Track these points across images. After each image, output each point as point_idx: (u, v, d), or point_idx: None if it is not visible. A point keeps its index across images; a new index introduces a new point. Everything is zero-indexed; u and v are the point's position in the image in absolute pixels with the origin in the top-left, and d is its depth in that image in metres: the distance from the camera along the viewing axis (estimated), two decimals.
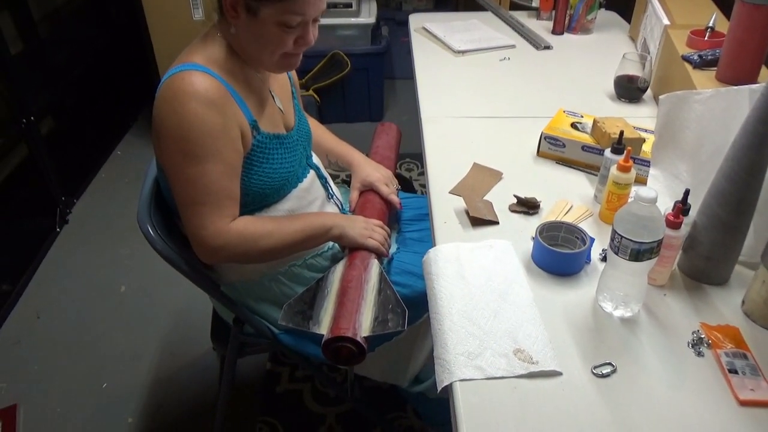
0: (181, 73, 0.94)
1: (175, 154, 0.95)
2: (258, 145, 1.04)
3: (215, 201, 0.98)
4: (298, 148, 1.14)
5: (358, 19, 2.73)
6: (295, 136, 1.14)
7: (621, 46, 1.76)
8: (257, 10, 0.93)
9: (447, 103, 1.48)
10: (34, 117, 2.13)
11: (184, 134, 0.93)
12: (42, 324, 1.86)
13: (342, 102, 2.89)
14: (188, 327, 1.84)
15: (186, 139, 0.94)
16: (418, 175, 2.54)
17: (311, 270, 1.16)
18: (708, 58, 1.24)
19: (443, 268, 0.94)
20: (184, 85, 0.93)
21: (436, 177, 1.19)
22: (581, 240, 0.95)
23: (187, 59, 0.97)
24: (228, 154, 0.97)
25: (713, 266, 0.90)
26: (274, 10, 0.93)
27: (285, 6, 0.92)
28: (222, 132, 0.96)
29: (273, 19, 0.94)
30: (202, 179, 0.96)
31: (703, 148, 1.01)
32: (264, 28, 0.95)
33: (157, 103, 0.96)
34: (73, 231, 2.28)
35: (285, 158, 1.08)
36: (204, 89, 0.93)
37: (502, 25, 1.97)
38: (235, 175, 1.00)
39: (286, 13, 0.93)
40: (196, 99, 0.93)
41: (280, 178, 1.08)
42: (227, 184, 0.99)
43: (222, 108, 0.95)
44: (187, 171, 0.96)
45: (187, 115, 0.93)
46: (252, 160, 1.03)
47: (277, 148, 1.07)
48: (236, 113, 0.99)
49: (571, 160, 1.21)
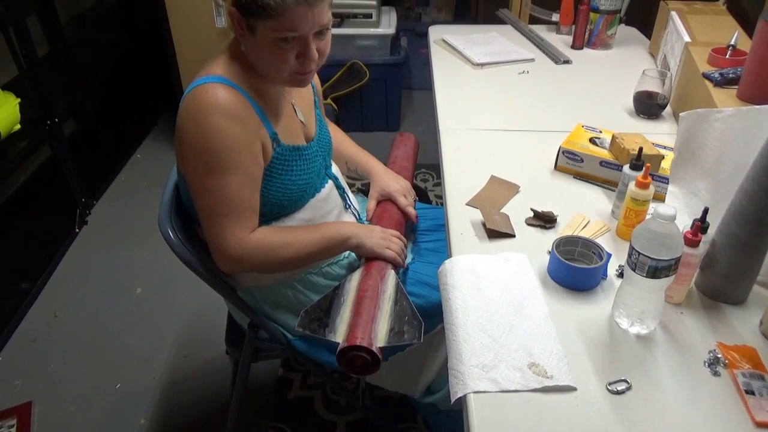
0: (205, 85, 0.96)
1: (198, 166, 0.97)
2: (278, 157, 1.05)
3: (236, 212, 1.00)
4: (318, 158, 1.15)
5: (378, 30, 2.75)
6: (315, 147, 1.15)
7: (641, 62, 1.76)
8: (255, 28, 0.94)
9: (465, 115, 1.49)
10: (58, 118, 2.17)
11: (208, 146, 0.95)
12: (59, 323, 1.89)
13: (359, 111, 2.91)
14: (202, 330, 1.86)
15: (209, 152, 0.95)
16: (434, 186, 2.55)
17: (327, 278, 1.17)
18: (729, 77, 1.23)
19: (459, 279, 0.94)
20: (207, 97, 0.95)
21: (454, 188, 1.19)
22: (598, 255, 0.95)
23: (210, 72, 0.99)
24: (249, 166, 0.99)
25: (731, 285, 0.89)
26: (267, 27, 0.93)
27: (276, 23, 0.91)
28: (244, 145, 0.97)
29: (269, 36, 0.93)
30: (223, 191, 0.97)
31: (722, 166, 1.01)
32: (264, 45, 0.95)
33: (180, 115, 0.98)
34: (92, 232, 2.31)
35: (304, 169, 1.10)
36: (227, 102, 0.95)
37: (521, 39, 1.97)
38: (255, 187, 1.02)
39: (279, 30, 0.92)
40: (219, 112, 0.94)
41: (298, 189, 1.09)
42: (248, 196, 1.00)
43: (244, 121, 0.97)
44: (209, 182, 0.97)
45: (211, 127, 0.94)
46: (272, 172, 1.05)
47: (296, 160, 1.08)
48: (257, 126, 1.00)
49: (589, 175, 1.21)
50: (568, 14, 1.95)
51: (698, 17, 1.60)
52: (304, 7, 0.91)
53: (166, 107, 3.14)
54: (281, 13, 0.90)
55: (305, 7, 0.91)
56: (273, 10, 0.90)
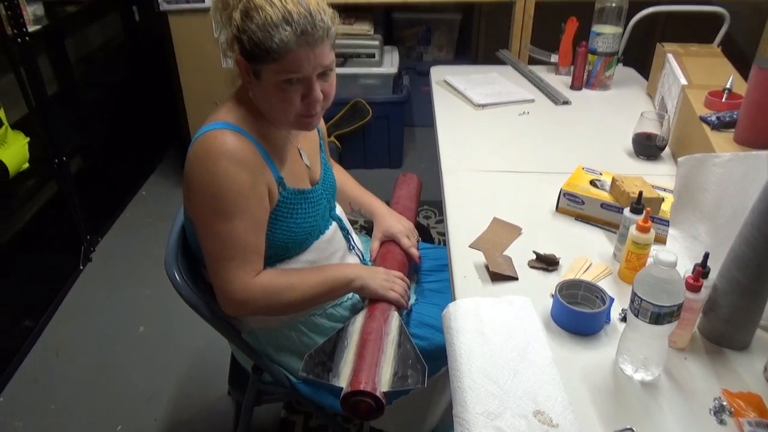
0: (214, 131, 0.98)
1: (206, 210, 0.99)
2: (283, 201, 1.07)
3: (242, 256, 1.01)
4: (322, 201, 1.17)
5: (381, 69, 2.81)
6: (320, 190, 1.17)
7: (639, 103, 1.79)
8: (260, 73, 0.97)
9: (467, 155, 1.51)
10: (66, 156, 2.20)
11: (215, 192, 0.97)
12: (60, 362, 1.89)
13: (362, 148, 2.94)
14: (205, 370, 1.85)
15: (217, 197, 0.97)
16: (436, 223, 2.56)
17: (331, 320, 1.17)
18: (726, 120, 1.26)
19: (463, 323, 0.95)
20: (215, 143, 0.97)
21: (456, 230, 1.20)
22: (601, 299, 0.95)
23: (218, 118, 1.01)
24: (255, 211, 1.01)
25: (734, 330, 0.89)
26: (271, 71, 0.95)
27: (279, 65, 0.94)
28: (251, 190, 0.99)
29: (273, 79, 0.96)
30: (230, 235, 0.99)
31: (721, 210, 1.02)
32: (270, 89, 0.98)
33: (189, 160, 1.00)
34: (96, 269, 2.32)
35: (309, 212, 1.11)
36: (235, 149, 0.97)
37: (521, 79, 2.01)
38: (261, 231, 1.04)
39: (282, 72, 0.95)
40: (228, 158, 0.96)
41: (303, 232, 1.10)
42: (254, 240, 1.02)
43: (251, 167, 0.99)
44: (216, 227, 0.99)
45: (219, 173, 0.96)
46: (277, 215, 1.07)
47: (301, 203, 1.10)
48: (264, 172, 1.02)
49: (590, 217, 1.22)
50: (566, 56, 1.99)
51: (694, 59, 1.64)
52: (305, 48, 0.93)
53: (172, 145, 3.18)
54: (284, 55, 0.93)
55: (306, 49, 0.93)
56: (276, 53, 0.93)
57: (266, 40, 0.92)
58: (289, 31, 0.91)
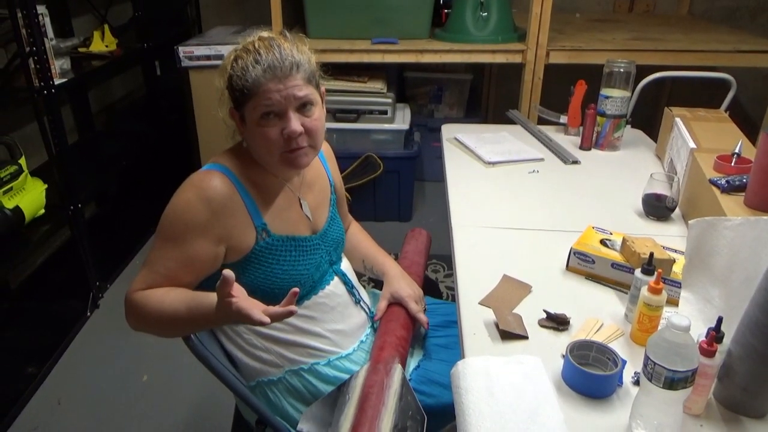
0: (204, 171, 1.06)
1: (157, 227, 1.05)
2: (266, 246, 1.09)
3: (150, 271, 1.04)
4: (319, 252, 1.18)
5: (393, 126, 2.87)
6: (317, 241, 1.18)
7: (648, 164, 1.81)
8: (244, 116, 1.05)
9: (477, 212, 1.52)
10: (81, 203, 2.24)
11: (166, 214, 1.04)
12: (62, 410, 1.86)
13: (372, 201, 2.98)
14: (209, 422, 1.81)
15: (166, 217, 1.04)
16: (444, 277, 2.55)
17: (336, 369, 1.16)
18: (736, 184, 1.27)
19: (472, 382, 0.93)
20: (195, 178, 1.04)
21: (466, 286, 1.20)
22: (612, 361, 0.94)
23: (216, 160, 1.09)
24: (190, 246, 1.03)
25: (750, 398, 0.87)
26: (250, 110, 1.03)
27: (254, 101, 1.02)
28: (199, 227, 1.02)
29: (253, 117, 1.03)
30: (156, 250, 1.04)
31: (734, 274, 1.02)
32: (253, 128, 1.05)
33: None
34: (103, 316, 2.32)
35: (298, 260, 1.12)
36: (208, 187, 1.03)
37: (530, 139, 2.05)
38: (189, 267, 1.04)
39: (258, 107, 1.02)
40: (196, 191, 1.02)
41: (291, 280, 1.11)
42: (172, 266, 1.04)
43: (217, 208, 1.03)
44: (154, 239, 1.05)
45: (178, 202, 1.03)
46: (259, 260, 1.09)
47: (290, 250, 1.12)
48: (234, 218, 1.06)
49: (601, 277, 1.22)
50: (575, 117, 2.03)
51: (702, 124, 1.66)
52: (274, 81, 1.01)
53: None
54: (256, 90, 1.01)
55: (275, 81, 1.01)
56: (249, 90, 1.01)
57: (243, 81, 1.01)
58: (258, 69, 1.00)
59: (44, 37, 2.01)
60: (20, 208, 1.94)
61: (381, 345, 1.16)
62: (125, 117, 3.25)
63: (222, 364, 1.09)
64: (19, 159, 1.98)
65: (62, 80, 2.14)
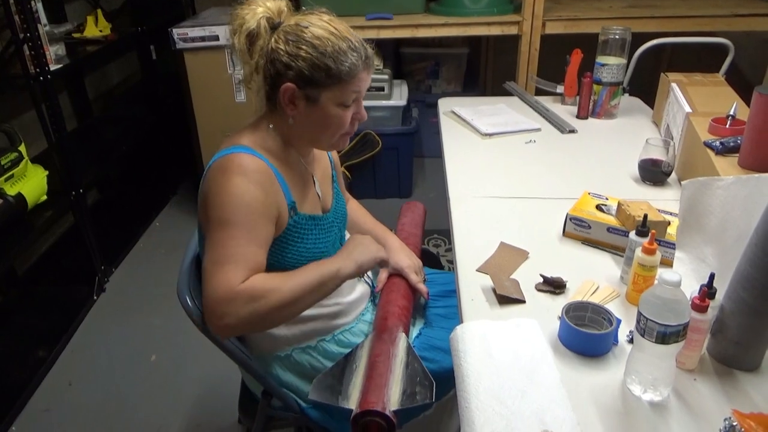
0: (231, 154, 1.02)
1: (213, 220, 0.99)
2: (294, 225, 1.09)
3: (235, 264, 0.97)
4: (333, 229, 1.19)
5: (390, 102, 2.87)
6: (331, 218, 1.20)
7: (644, 131, 1.81)
8: (317, 98, 1.03)
9: (474, 183, 1.53)
10: (83, 189, 2.25)
11: (225, 201, 0.98)
12: (73, 392, 1.90)
13: (372, 179, 2.99)
14: (216, 398, 1.85)
15: (225, 206, 0.98)
16: (445, 251, 2.57)
17: (340, 345, 1.18)
18: (730, 145, 1.28)
19: (470, 345, 0.95)
20: (233, 164, 1.00)
21: (464, 254, 1.22)
22: (608, 321, 0.96)
23: (236, 143, 1.05)
24: (260, 228, 1.01)
25: (743, 351, 0.89)
26: (333, 93, 1.03)
27: (345, 87, 1.03)
28: (260, 207, 1.01)
29: (333, 101, 1.04)
30: (229, 242, 0.98)
31: (727, 232, 1.03)
32: (324, 112, 1.05)
33: (206, 179, 1.03)
34: (109, 299, 2.35)
35: (319, 238, 1.14)
36: (251, 169, 1.01)
37: (527, 110, 2.05)
38: (263, 247, 1.02)
39: (347, 94, 1.04)
40: (242, 175, 0.99)
41: (313, 257, 1.12)
42: (253, 252, 1.00)
43: (265, 187, 1.02)
44: (218, 234, 0.98)
45: (231, 187, 0.99)
46: (288, 239, 1.09)
47: (312, 229, 1.13)
48: (277, 194, 1.05)
49: (597, 241, 1.23)
50: (572, 86, 2.03)
51: (698, 88, 1.66)
52: (367, 71, 1.06)
53: (185, 177, 3.25)
54: (352, 76, 1.03)
55: (368, 71, 1.06)
56: (344, 75, 1.02)
57: (338, 65, 1.01)
58: (356, 57, 1.02)
59: (38, 23, 2.01)
60: (22, 194, 1.96)
61: (384, 315, 1.18)
62: (123, 102, 3.25)
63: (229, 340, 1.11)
64: (19, 146, 1.99)
65: (58, 66, 2.15)
